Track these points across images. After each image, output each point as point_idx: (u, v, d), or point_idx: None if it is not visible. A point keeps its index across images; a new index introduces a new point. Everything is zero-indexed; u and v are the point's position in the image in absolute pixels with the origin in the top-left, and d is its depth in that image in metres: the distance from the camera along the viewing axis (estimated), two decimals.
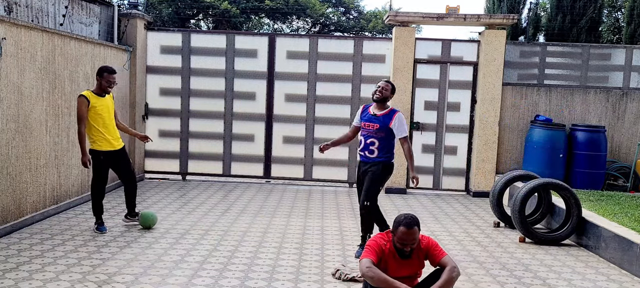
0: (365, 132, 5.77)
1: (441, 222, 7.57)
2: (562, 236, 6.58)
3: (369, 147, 5.74)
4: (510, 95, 9.76)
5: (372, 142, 5.72)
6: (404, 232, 3.87)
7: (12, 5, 6.67)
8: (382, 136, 5.72)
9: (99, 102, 6.17)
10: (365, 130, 5.77)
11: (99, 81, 6.20)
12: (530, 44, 10.23)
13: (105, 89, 6.23)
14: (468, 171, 9.83)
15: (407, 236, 3.87)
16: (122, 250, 5.68)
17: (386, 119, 5.71)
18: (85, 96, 6.11)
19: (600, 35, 13.57)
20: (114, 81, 6.26)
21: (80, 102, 6.08)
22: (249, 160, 10.02)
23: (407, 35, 9.45)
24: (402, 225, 3.88)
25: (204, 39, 10.06)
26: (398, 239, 3.90)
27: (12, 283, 4.61)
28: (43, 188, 6.77)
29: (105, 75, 6.18)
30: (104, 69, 6.22)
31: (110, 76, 6.21)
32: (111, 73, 6.23)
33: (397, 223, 3.93)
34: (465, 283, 5.09)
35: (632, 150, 9.75)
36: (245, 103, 9.92)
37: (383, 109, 5.78)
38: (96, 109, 6.12)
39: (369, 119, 5.78)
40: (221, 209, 7.81)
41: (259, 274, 5.12)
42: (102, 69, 6.23)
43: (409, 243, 3.89)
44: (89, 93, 6.18)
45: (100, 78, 6.19)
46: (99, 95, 6.20)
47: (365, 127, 5.78)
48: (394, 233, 3.95)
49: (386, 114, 5.73)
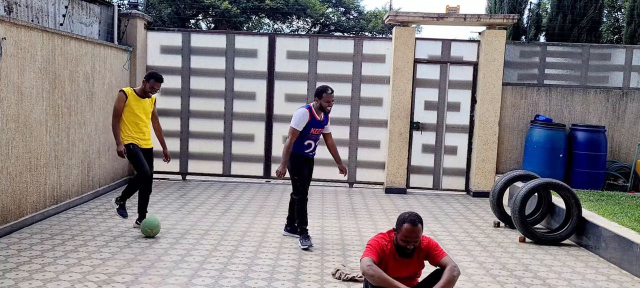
0: (315, 137, 6.28)
1: (441, 222, 7.57)
2: (562, 236, 6.58)
3: (316, 146, 6.37)
4: (510, 95, 9.76)
5: (318, 141, 6.38)
6: (409, 229, 3.87)
7: (12, 5, 6.67)
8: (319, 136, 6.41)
9: (137, 102, 6.27)
10: (314, 135, 6.26)
11: (144, 84, 6.29)
12: (531, 44, 10.23)
13: (146, 93, 6.32)
14: (468, 171, 9.83)
15: (411, 233, 3.88)
16: (122, 250, 5.68)
17: (325, 121, 6.34)
18: (125, 92, 6.23)
19: (600, 35, 13.56)
20: (158, 89, 6.36)
21: (119, 97, 6.20)
22: (249, 160, 10.02)
23: (407, 35, 9.46)
24: (407, 222, 3.89)
25: (204, 39, 10.06)
26: (402, 236, 3.90)
27: (12, 283, 4.61)
28: (43, 188, 6.78)
29: (152, 82, 6.28)
30: (152, 76, 6.30)
31: (157, 84, 6.31)
32: (158, 81, 6.31)
33: (402, 220, 3.93)
34: (465, 283, 5.09)
35: (632, 150, 9.75)
36: (245, 103, 9.92)
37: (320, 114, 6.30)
38: (131, 108, 6.22)
39: (318, 125, 6.26)
40: (221, 209, 7.82)
41: (259, 274, 5.12)
42: (152, 75, 6.32)
43: (412, 240, 3.90)
44: (130, 90, 6.29)
45: (146, 82, 6.28)
46: (139, 96, 6.30)
47: (315, 133, 6.26)
48: (397, 231, 3.94)
49: (325, 118, 6.33)
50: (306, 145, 6.21)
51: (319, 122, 6.20)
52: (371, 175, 9.92)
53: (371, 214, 7.89)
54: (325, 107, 6.14)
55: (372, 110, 9.83)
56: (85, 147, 7.84)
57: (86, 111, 7.83)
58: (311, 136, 6.20)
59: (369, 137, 9.88)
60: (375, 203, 8.66)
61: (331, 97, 6.14)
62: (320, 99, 6.11)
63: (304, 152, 6.22)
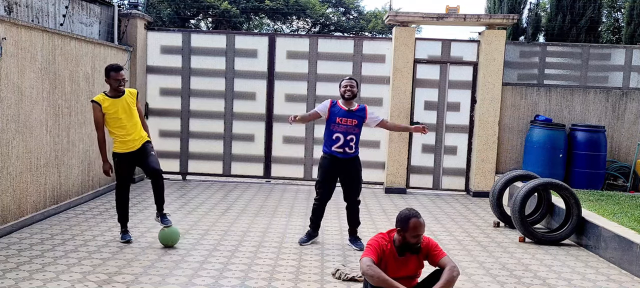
0: (342, 128, 5.92)
1: (441, 222, 7.57)
2: (562, 236, 6.58)
3: (350, 144, 5.96)
4: (510, 95, 9.77)
5: (352, 138, 5.96)
6: (416, 224, 3.89)
7: (12, 5, 6.67)
8: (358, 132, 6.03)
9: (114, 104, 5.83)
10: (343, 126, 5.92)
11: (108, 82, 5.88)
12: (530, 44, 10.23)
13: (116, 89, 5.86)
14: (468, 171, 9.84)
15: (420, 227, 3.91)
16: (122, 250, 5.68)
17: (361, 113, 6.03)
18: (97, 101, 5.82)
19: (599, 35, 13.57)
20: (122, 78, 5.86)
21: (93, 109, 5.83)
22: (249, 160, 10.03)
23: (407, 35, 9.46)
24: (413, 218, 3.91)
25: (204, 39, 10.06)
26: (412, 232, 3.89)
27: (12, 283, 4.61)
28: (43, 188, 6.78)
29: (112, 74, 5.82)
30: (109, 69, 5.85)
31: (117, 74, 5.82)
32: (116, 71, 5.83)
33: (406, 217, 3.92)
34: (465, 283, 5.09)
35: (632, 150, 9.76)
36: (245, 103, 9.92)
37: (353, 105, 6.05)
38: (110, 113, 5.82)
39: (346, 115, 5.93)
40: (221, 209, 7.82)
41: (259, 274, 5.13)
42: (107, 68, 5.87)
43: (421, 234, 3.93)
44: (102, 97, 5.85)
45: (107, 79, 5.86)
46: (113, 97, 5.87)
47: (342, 123, 5.92)
48: (404, 230, 3.92)
49: (359, 109, 6.05)
50: (334, 139, 5.91)
51: (345, 111, 5.94)
52: (371, 175, 9.92)
53: (371, 214, 7.90)
54: (342, 93, 6.02)
55: (372, 110, 9.78)
56: (85, 147, 7.85)
57: (86, 111, 7.83)
58: (339, 127, 5.90)
59: (369, 137, 9.86)
60: (375, 203, 8.67)
61: (348, 82, 6.04)
62: (339, 88, 6.09)
63: (330, 149, 5.96)
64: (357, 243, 6.12)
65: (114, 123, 5.86)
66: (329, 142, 5.99)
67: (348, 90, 5.99)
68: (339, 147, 5.95)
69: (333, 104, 6.03)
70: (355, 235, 6.21)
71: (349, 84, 6.01)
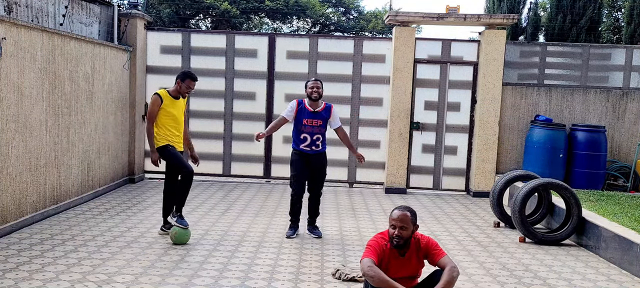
0: (308, 130, 6.30)
1: (441, 222, 7.57)
2: (562, 236, 6.58)
3: (316, 142, 6.36)
4: (510, 95, 9.77)
5: (318, 137, 6.35)
6: (395, 213, 3.95)
7: (12, 5, 6.67)
8: (324, 131, 6.42)
9: (172, 103, 6.08)
10: (309, 127, 6.30)
11: (179, 85, 6.07)
12: (530, 44, 10.23)
13: (182, 94, 6.14)
14: (468, 171, 9.83)
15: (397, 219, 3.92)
16: (122, 250, 5.68)
17: (327, 114, 6.37)
18: (160, 95, 6.01)
19: (600, 35, 13.56)
20: (193, 88, 6.17)
21: (154, 101, 5.99)
22: (249, 160, 10.02)
23: (407, 35, 9.46)
24: (395, 209, 4.01)
25: (204, 39, 10.06)
26: (390, 221, 3.97)
27: (12, 283, 4.61)
28: (43, 188, 6.77)
29: (187, 82, 6.05)
30: (188, 75, 6.09)
31: (192, 83, 6.09)
32: (194, 80, 6.11)
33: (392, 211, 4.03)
34: (465, 283, 5.09)
35: (632, 150, 9.75)
36: (245, 103, 9.92)
37: (319, 105, 6.35)
38: (167, 110, 6.02)
39: (311, 116, 6.30)
40: (221, 209, 7.81)
41: (259, 274, 5.12)
42: (186, 74, 6.10)
43: (397, 226, 3.91)
44: (164, 92, 6.07)
45: (180, 82, 6.06)
46: (173, 97, 6.11)
47: (309, 124, 6.30)
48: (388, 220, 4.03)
49: (325, 109, 6.37)
50: (302, 139, 6.31)
51: (311, 113, 6.28)
52: (371, 175, 9.92)
53: (371, 214, 7.89)
54: (309, 94, 6.28)
55: (372, 110, 9.84)
56: (85, 147, 7.84)
57: (86, 111, 7.83)
58: (306, 128, 6.27)
59: (369, 137, 9.88)
60: (375, 203, 8.66)
61: (314, 83, 6.29)
62: (305, 89, 6.34)
63: (299, 147, 6.34)
64: (315, 232, 6.56)
65: (166, 121, 6.06)
66: (297, 140, 6.38)
67: (315, 91, 6.28)
68: (306, 146, 6.34)
69: (300, 105, 6.34)
70: (314, 224, 6.65)
71: (315, 85, 6.29)
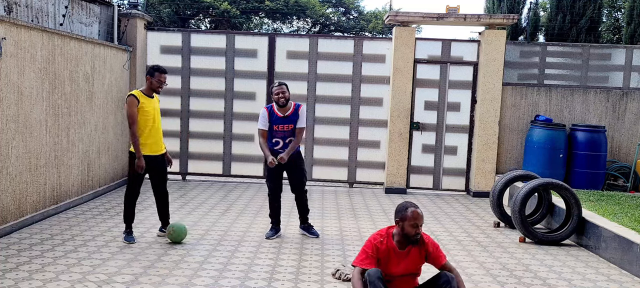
0: (280, 134, 6.37)
1: (441, 222, 7.57)
2: (562, 236, 6.57)
3: (288, 144, 6.39)
4: (510, 95, 9.77)
5: (291, 139, 6.39)
6: (415, 213, 3.91)
7: (12, 5, 6.67)
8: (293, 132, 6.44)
9: (148, 102, 5.89)
10: (281, 132, 6.36)
11: (150, 81, 5.91)
12: (530, 44, 10.23)
13: (155, 89, 5.96)
14: (468, 171, 9.83)
15: (419, 217, 3.92)
16: (122, 250, 5.67)
17: (294, 116, 6.38)
18: (135, 95, 5.81)
19: (600, 35, 13.57)
20: (165, 81, 5.97)
21: (131, 103, 5.76)
22: (249, 160, 10.02)
23: (407, 35, 9.45)
24: (411, 207, 3.94)
25: (204, 39, 10.06)
26: (410, 221, 3.91)
27: (12, 283, 4.61)
28: (43, 188, 6.77)
29: (157, 75, 5.88)
30: (156, 68, 5.92)
31: (162, 76, 5.91)
32: (163, 73, 5.93)
33: (404, 208, 3.97)
34: (465, 284, 5.08)
35: (632, 150, 9.75)
36: (245, 103, 9.92)
37: (287, 109, 6.36)
38: (145, 110, 5.83)
39: (282, 121, 6.35)
40: (221, 209, 7.81)
41: (259, 274, 5.12)
42: (154, 68, 5.93)
43: (420, 223, 3.94)
44: (138, 92, 5.87)
45: (151, 77, 5.90)
46: (147, 96, 5.93)
47: (280, 129, 6.35)
48: (402, 220, 3.94)
49: (293, 113, 6.38)
50: (274, 143, 6.38)
51: (281, 118, 6.32)
52: (371, 175, 9.92)
53: (371, 214, 7.89)
54: (276, 100, 6.29)
55: (372, 110, 9.83)
56: (85, 147, 7.84)
57: (86, 111, 7.83)
58: (277, 133, 6.34)
59: (369, 137, 9.88)
60: (375, 204, 8.66)
61: (278, 88, 6.28)
62: (271, 96, 6.37)
63: (273, 148, 6.41)
64: (311, 231, 6.57)
65: (146, 122, 5.89)
66: (270, 143, 6.41)
67: (281, 97, 6.27)
68: (280, 148, 6.38)
69: (270, 111, 6.38)
70: (307, 222, 6.63)
71: (280, 91, 6.28)
